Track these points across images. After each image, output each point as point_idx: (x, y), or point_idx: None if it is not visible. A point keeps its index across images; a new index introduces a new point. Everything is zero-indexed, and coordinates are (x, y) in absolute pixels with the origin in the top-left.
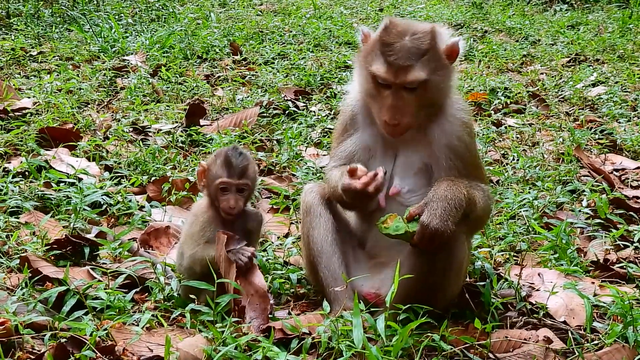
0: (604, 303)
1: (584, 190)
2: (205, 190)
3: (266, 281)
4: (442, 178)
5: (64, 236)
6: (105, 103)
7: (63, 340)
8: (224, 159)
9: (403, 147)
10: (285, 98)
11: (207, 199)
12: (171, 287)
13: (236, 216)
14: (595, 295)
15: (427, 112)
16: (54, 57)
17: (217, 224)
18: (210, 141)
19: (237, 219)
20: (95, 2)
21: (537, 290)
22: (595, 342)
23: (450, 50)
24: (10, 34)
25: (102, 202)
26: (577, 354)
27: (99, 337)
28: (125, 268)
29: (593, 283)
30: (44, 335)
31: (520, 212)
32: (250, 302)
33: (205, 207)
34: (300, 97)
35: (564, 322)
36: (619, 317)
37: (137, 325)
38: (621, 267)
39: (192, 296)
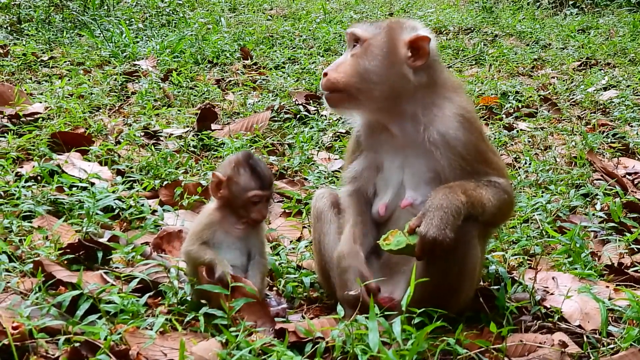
0: (619, 307)
1: (597, 194)
2: (220, 200)
3: (279, 285)
4: (440, 186)
5: (76, 240)
6: (117, 108)
7: (77, 344)
8: (252, 170)
9: (407, 156)
10: (296, 102)
11: (216, 204)
12: (184, 291)
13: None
14: (610, 299)
15: (376, 93)
16: (65, 62)
17: (221, 228)
18: (222, 145)
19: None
20: (106, 7)
21: (552, 294)
22: (611, 346)
23: (414, 41)
24: (22, 39)
25: (114, 207)
26: (592, 358)
27: (113, 341)
28: (139, 272)
29: (608, 287)
30: (58, 339)
31: (534, 215)
32: (247, 311)
33: (211, 210)
34: (311, 101)
35: (579, 326)
36: (634, 321)
37: (151, 329)
38: (635, 271)
39: (202, 301)
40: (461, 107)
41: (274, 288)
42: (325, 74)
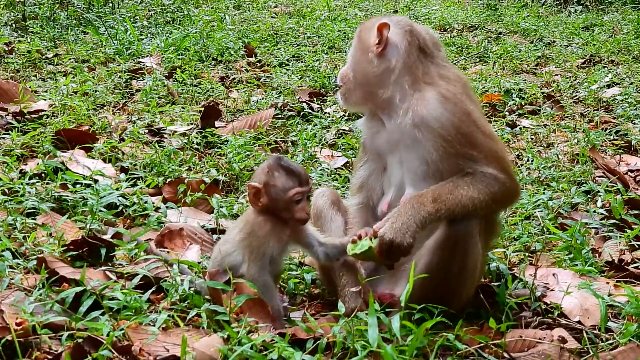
0: (619, 303)
1: (598, 191)
2: (261, 209)
3: (281, 282)
4: (412, 195)
5: (80, 237)
6: (121, 105)
7: (80, 340)
8: (287, 170)
9: (402, 151)
10: (300, 100)
11: (257, 215)
12: (184, 288)
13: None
14: (609, 295)
15: (365, 85)
16: (69, 59)
17: (274, 237)
18: (226, 143)
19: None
20: (110, 4)
21: (552, 290)
22: (610, 341)
23: (379, 29)
24: (26, 37)
25: (118, 204)
26: (591, 353)
27: (116, 337)
28: (141, 268)
29: (608, 283)
30: (61, 335)
31: (535, 212)
32: (249, 313)
33: (259, 222)
34: (314, 98)
35: (579, 322)
36: (633, 317)
37: (154, 325)
38: (636, 267)
39: (207, 297)
40: (444, 89)
41: (277, 286)
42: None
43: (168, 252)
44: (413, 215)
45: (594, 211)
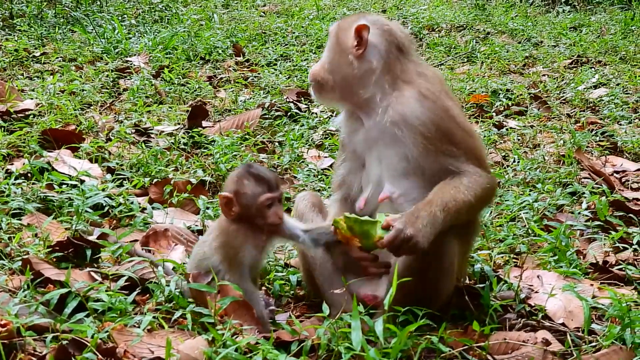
0: (603, 305)
1: (584, 193)
2: (234, 218)
3: (267, 283)
4: (421, 202)
5: (65, 238)
6: (108, 104)
7: (64, 342)
8: (256, 177)
9: (380, 148)
10: (288, 100)
11: (231, 224)
12: (170, 290)
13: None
14: (593, 297)
15: (343, 85)
16: (57, 58)
17: (250, 244)
18: (213, 143)
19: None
20: (98, 3)
21: (536, 292)
22: (593, 344)
23: (355, 30)
24: (14, 35)
25: (104, 204)
26: (575, 355)
27: (100, 339)
28: (126, 270)
29: (592, 285)
30: (46, 337)
31: (520, 214)
32: (234, 315)
33: (232, 231)
34: (302, 98)
35: (563, 324)
36: (617, 319)
37: (139, 327)
38: (620, 270)
39: (190, 300)
40: (423, 87)
41: (263, 287)
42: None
43: (153, 253)
44: (431, 223)
45: (579, 213)
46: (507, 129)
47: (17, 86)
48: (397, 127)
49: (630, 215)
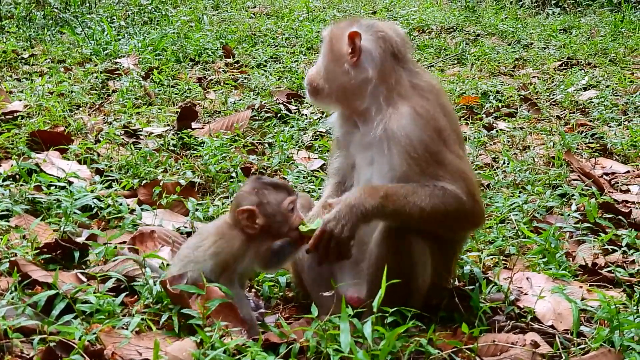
0: (591, 307)
1: (573, 195)
2: (257, 230)
3: (256, 285)
4: (367, 184)
5: (53, 240)
6: (97, 106)
7: (52, 344)
8: (273, 184)
9: (373, 154)
10: (277, 101)
11: (243, 235)
12: (157, 290)
13: None
14: (582, 299)
15: (338, 92)
16: (45, 59)
17: (251, 256)
18: (202, 144)
19: None
20: (87, 4)
21: (526, 294)
22: (582, 346)
23: (348, 37)
24: (2, 36)
25: (92, 206)
26: (563, 358)
27: (88, 341)
28: (114, 272)
29: (581, 287)
30: (33, 339)
31: (510, 216)
32: (219, 314)
33: (240, 242)
34: (292, 100)
35: (552, 326)
36: (605, 322)
37: (127, 329)
38: (609, 271)
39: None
40: (417, 105)
41: (252, 289)
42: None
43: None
44: (357, 207)
45: (569, 215)
46: (497, 131)
47: (5, 88)
48: (386, 143)
49: (619, 217)
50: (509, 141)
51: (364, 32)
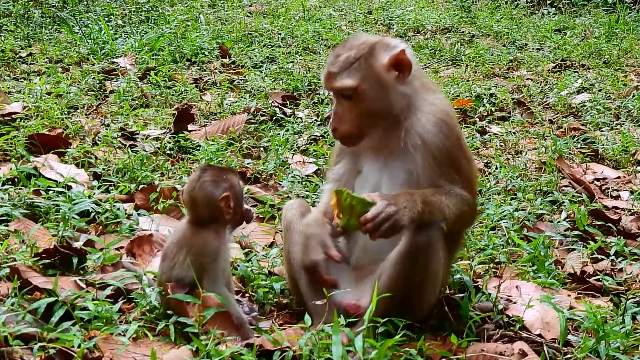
0: (579, 316)
1: (564, 202)
2: (230, 217)
3: (249, 291)
4: (401, 192)
5: (52, 245)
6: (94, 107)
7: (52, 351)
8: (228, 169)
9: (387, 159)
10: (273, 104)
11: (218, 229)
12: (151, 300)
13: None
14: (570, 308)
15: (381, 121)
16: (43, 59)
17: (222, 243)
18: (198, 148)
19: None
20: (85, 3)
21: (515, 302)
22: (569, 355)
23: (395, 60)
24: (0, 35)
25: (90, 210)
26: None
27: (87, 348)
28: (112, 279)
29: (569, 296)
30: (33, 346)
31: (501, 223)
32: (213, 324)
33: (213, 238)
34: (288, 102)
35: (540, 335)
36: (592, 332)
37: (124, 336)
38: (597, 280)
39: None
40: (441, 110)
41: (247, 295)
42: (335, 129)
43: (133, 263)
44: (410, 207)
45: (558, 222)
46: (489, 135)
47: (3, 88)
48: (414, 148)
49: (609, 224)
50: (501, 146)
51: (402, 46)
